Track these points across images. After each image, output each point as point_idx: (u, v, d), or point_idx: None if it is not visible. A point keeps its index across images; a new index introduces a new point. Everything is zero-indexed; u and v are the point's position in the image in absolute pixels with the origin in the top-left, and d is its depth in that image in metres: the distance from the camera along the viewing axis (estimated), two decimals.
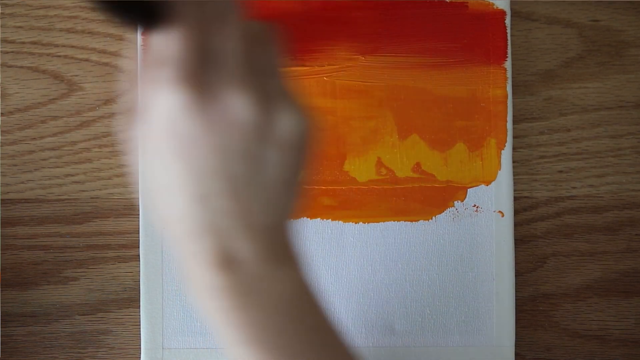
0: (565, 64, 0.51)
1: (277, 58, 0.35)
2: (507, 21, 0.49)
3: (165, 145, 0.33)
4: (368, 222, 0.49)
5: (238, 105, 0.33)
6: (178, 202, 0.33)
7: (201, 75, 0.33)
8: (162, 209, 0.34)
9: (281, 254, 0.35)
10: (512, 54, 0.50)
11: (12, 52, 0.50)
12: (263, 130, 0.33)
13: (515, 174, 0.50)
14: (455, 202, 0.49)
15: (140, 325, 0.49)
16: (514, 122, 0.50)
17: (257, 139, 0.33)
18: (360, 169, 0.49)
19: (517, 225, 0.50)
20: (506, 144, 0.49)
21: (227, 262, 0.34)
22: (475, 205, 0.49)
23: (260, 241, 0.34)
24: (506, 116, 0.49)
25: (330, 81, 0.49)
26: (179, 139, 0.33)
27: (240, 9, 0.35)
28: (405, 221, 0.49)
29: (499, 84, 0.49)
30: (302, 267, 0.36)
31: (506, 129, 0.49)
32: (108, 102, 0.50)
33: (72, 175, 0.50)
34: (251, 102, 0.33)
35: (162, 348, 0.49)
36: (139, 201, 0.49)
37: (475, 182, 0.49)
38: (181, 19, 0.33)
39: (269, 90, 0.34)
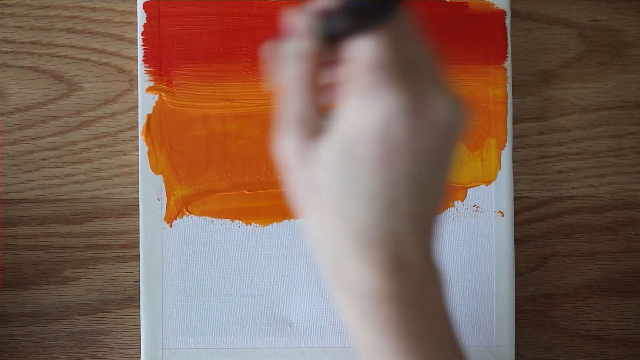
0: (565, 64, 0.51)
1: (436, 56, 0.35)
2: (507, 21, 0.49)
3: (369, 152, 0.33)
4: None
5: (444, 109, 0.33)
6: (365, 211, 0.33)
7: (410, 78, 0.33)
8: (344, 221, 0.34)
9: (434, 259, 0.35)
10: (512, 54, 0.50)
11: (12, 52, 0.50)
12: (452, 132, 0.33)
13: (515, 174, 0.50)
14: (455, 202, 0.49)
15: (140, 325, 0.49)
16: (514, 122, 0.50)
17: (446, 140, 0.33)
18: None
19: (517, 225, 0.50)
20: (506, 144, 0.49)
21: (399, 267, 0.33)
22: (475, 205, 0.49)
23: (428, 245, 0.34)
24: (506, 116, 0.49)
25: None
26: (387, 144, 0.32)
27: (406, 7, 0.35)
28: None
29: (499, 84, 0.49)
30: (443, 275, 0.35)
31: (506, 129, 0.49)
32: (108, 102, 0.50)
33: (72, 175, 0.50)
34: (454, 104, 0.33)
35: (162, 348, 0.49)
36: (139, 201, 0.49)
37: (475, 182, 0.49)
38: (385, 23, 0.33)
39: (449, 89, 0.34)
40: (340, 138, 0.33)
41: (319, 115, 0.34)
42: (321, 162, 0.34)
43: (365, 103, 0.33)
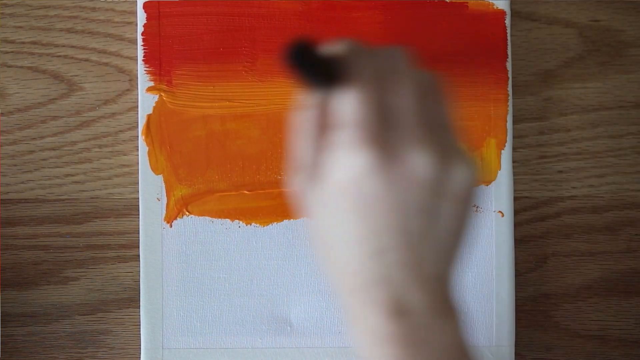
0: (565, 64, 0.51)
1: (446, 107, 0.36)
2: (507, 21, 0.49)
3: (347, 204, 0.34)
4: None
5: (419, 163, 0.34)
6: (354, 257, 0.34)
7: (384, 135, 0.33)
8: (336, 262, 0.35)
9: (447, 305, 0.35)
10: (512, 54, 0.50)
11: (12, 52, 0.50)
12: (441, 185, 0.34)
13: (515, 174, 0.50)
14: None
15: (140, 325, 0.49)
16: (514, 122, 0.50)
17: (434, 194, 0.34)
18: None
19: (517, 225, 0.50)
20: (506, 144, 0.49)
21: (400, 311, 0.34)
22: (475, 205, 0.49)
23: (431, 292, 0.35)
24: (506, 116, 0.49)
25: None
26: (362, 198, 0.34)
27: (411, 57, 0.36)
28: None
29: (499, 84, 0.49)
30: (462, 319, 0.36)
31: (506, 129, 0.49)
32: (108, 102, 0.50)
33: (72, 175, 0.50)
34: (431, 159, 0.34)
35: (162, 348, 0.49)
36: (139, 201, 0.49)
37: None
38: (359, 76, 0.34)
39: (444, 144, 0.34)
40: (324, 188, 0.35)
41: (320, 160, 0.36)
42: (315, 207, 0.36)
43: (341, 157, 0.34)
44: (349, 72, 0.34)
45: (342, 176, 0.34)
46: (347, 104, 0.34)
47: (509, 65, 0.49)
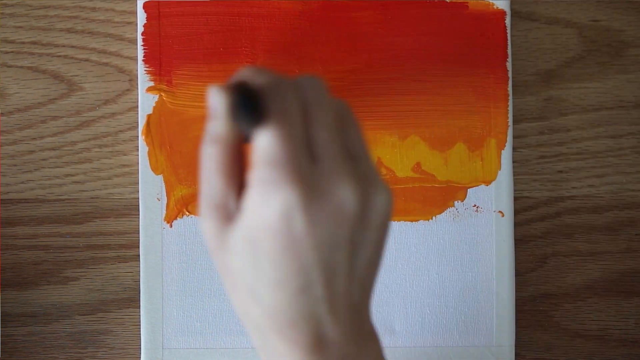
0: (565, 64, 0.51)
1: (360, 134, 0.36)
2: (507, 21, 0.49)
3: (270, 243, 0.33)
4: None
5: (344, 197, 0.33)
6: (279, 296, 0.34)
7: (307, 170, 0.33)
8: (259, 303, 0.34)
9: (365, 331, 0.35)
10: (512, 54, 0.50)
11: (12, 52, 0.50)
12: (364, 216, 0.34)
13: (515, 174, 0.50)
14: (455, 202, 0.49)
15: (140, 325, 0.49)
16: (514, 122, 0.50)
17: (358, 224, 0.34)
18: None
19: (517, 225, 0.50)
20: (506, 144, 0.49)
21: (319, 345, 0.34)
22: (475, 205, 0.49)
23: (349, 322, 0.34)
24: (506, 116, 0.49)
25: (336, 84, 0.49)
26: (287, 236, 0.33)
27: (326, 86, 0.35)
28: (405, 221, 0.49)
29: (499, 84, 0.49)
30: (380, 341, 0.36)
31: (506, 129, 0.49)
32: (108, 102, 0.50)
33: (72, 175, 0.50)
34: (355, 191, 0.33)
35: (162, 348, 0.49)
36: (139, 201, 0.49)
37: (475, 182, 0.49)
38: (280, 111, 0.33)
39: (364, 173, 0.34)
40: (244, 229, 0.34)
41: (234, 199, 0.35)
42: (231, 249, 0.34)
43: (262, 197, 0.33)
44: (270, 106, 0.33)
45: (266, 216, 0.33)
46: (269, 141, 0.33)
47: (509, 65, 0.49)
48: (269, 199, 0.33)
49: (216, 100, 0.35)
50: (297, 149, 0.33)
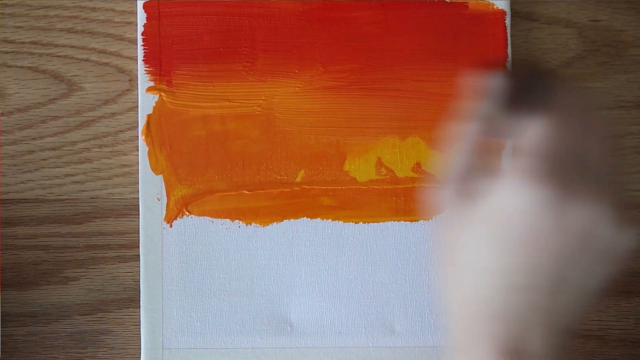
0: (565, 64, 0.51)
1: (621, 160, 0.35)
2: (507, 21, 0.49)
3: (502, 233, 0.32)
4: (368, 222, 0.49)
5: (589, 217, 0.32)
6: (488, 284, 0.33)
7: (561, 175, 0.32)
8: (464, 286, 0.34)
9: None
10: (512, 54, 0.50)
11: (12, 52, 0.50)
12: (601, 244, 0.32)
13: None
14: None
15: (140, 325, 0.49)
16: None
17: (592, 250, 0.32)
18: (360, 169, 0.49)
19: None
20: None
21: (516, 352, 0.33)
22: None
23: (553, 344, 0.33)
24: None
25: (336, 84, 0.49)
26: (521, 233, 0.32)
27: (602, 102, 0.35)
28: (405, 221, 0.49)
29: None
30: None
31: None
32: (108, 102, 0.50)
33: (72, 175, 0.50)
34: (602, 217, 0.32)
35: (162, 348, 0.49)
36: (139, 201, 0.49)
37: None
38: (561, 110, 0.33)
39: (617, 202, 0.32)
40: (480, 209, 0.33)
41: (477, 178, 0.34)
42: (457, 223, 0.34)
43: (509, 185, 0.32)
44: (553, 103, 0.33)
45: (506, 206, 0.32)
46: (539, 134, 0.32)
47: (509, 65, 0.49)
48: (514, 190, 0.32)
49: (501, 82, 0.35)
50: (561, 151, 0.32)
